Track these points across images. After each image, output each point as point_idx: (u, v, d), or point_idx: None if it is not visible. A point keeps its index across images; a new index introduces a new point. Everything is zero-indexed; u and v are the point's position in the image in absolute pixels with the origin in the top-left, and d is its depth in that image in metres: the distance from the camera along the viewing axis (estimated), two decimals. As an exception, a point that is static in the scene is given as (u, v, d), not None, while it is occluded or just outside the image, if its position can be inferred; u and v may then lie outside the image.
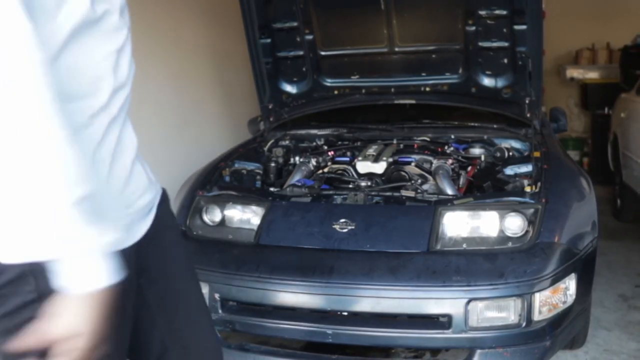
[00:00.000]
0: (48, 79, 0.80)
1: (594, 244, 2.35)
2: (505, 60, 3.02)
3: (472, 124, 3.14)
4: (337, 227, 2.27)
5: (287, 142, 3.19)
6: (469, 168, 2.77)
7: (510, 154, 2.89)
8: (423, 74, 3.18)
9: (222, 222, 2.47)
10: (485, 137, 3.00)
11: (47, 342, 0.86)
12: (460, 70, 3.13)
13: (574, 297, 2.20)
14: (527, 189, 2.37)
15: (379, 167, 2.71)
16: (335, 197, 2.51)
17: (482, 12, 2.89)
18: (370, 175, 2.70)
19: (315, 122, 3.32)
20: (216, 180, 2.67)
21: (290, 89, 3.35)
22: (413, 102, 3.17)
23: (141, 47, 4.15)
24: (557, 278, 2.10)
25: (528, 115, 2.98)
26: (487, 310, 2.06)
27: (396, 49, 3.12)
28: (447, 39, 3.07)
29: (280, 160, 3.04)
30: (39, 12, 0.84)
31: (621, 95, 5.12)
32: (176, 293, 1.27)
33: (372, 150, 2.83)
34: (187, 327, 1.27)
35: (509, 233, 2.21)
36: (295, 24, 3.15)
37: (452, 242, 2.21)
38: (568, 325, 2.23)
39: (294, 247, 2.27)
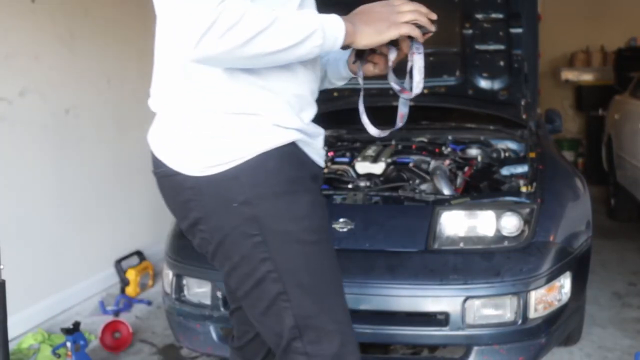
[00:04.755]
0: None
1: (588, 243, 2.39)
2: (502, 63, 3.06)
3: (469, 125, 3.17)
4: (336, 226, 2.29)
5: (287, 142, 3.21)
6: (466, 168, 2.80)
7: (507, 154, 2.93)
8: (421, 77, 3.21)
9: (224, 221, 2.49)
10: (482, 138, 3.04)
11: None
12: (458, 73, 3.17)
13: (568, 295, 2.23)
14: (523, 189, 2.41)
15: (378, 168, 2.74)
16: (335, 197, 2.53)
17: (479, 16, 2.93)
18: (369, 176, 2.73)
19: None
20: (218, 181, 2.69)
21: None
22: (411, 104, 3.20)
23: (143, 51, 4.19)
24: (552, 276, 2.14)
25: (524, 116, 3.02)
26: (483, 308, 2.10)
27: (394, 52, 3.15)
28: (444, 42, 3.10)
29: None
30: None
31: (615, 97, 5.18)
32: None
33: (371, 151, 2.85)
34: None
35: (505, 232, 2.23)
36: (295, 27, 3.18)
37: (450, 241, 2.24)
38: (563, 323, 2.26)
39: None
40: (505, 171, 2.70)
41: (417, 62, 1.27)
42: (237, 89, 1.19)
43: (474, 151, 2.97)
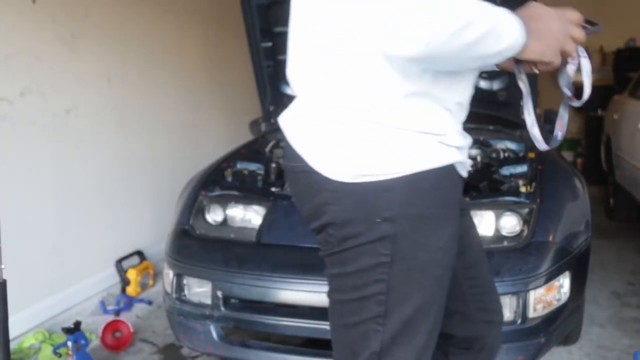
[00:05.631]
0: None
1: (587, 243, 2.39)
2: (501, 63, 3.06)
3: (469, 125, 3.17)
4: (337, 226, 2.30)
5: (287, 143, 3.22)
6: (466, 169, 2.81)
7: (506, 154, 2.94)
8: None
9: (225, 221, 2.51)
10: (482, 138, 3.05)
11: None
12: (457, 73, 3.17)
13: (568, 294, 2.24)
14: (522, 189, 2.42)
15: (378, 168, 2.74)
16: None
17: (479, 16, 2.94)
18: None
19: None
20: (219, 181, 2.71)
21: (291, 91, 3.38)
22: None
23: (143, 51, 4.20)
24: (551, 276, 2.15)
25: (523, 117, 3.02)
26: (483, 307, 2.11)
27: (394, 53, 3.16)
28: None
29: (281, 160, 3.08)
30: None
31: (614, 97, 5.19)
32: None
33: (370, 151, 2.86)
34: None
35: (504, 232, 2.25)
36: (295, 27, 3.19)
37: (450, 241, 2.25)
38: (562, 322, 2.27)
39: (294, 246, 2.30)
40: (504, 171, 2.71)
41: (585, 66, 1.28)
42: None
43: (473, 151, 2.97)
